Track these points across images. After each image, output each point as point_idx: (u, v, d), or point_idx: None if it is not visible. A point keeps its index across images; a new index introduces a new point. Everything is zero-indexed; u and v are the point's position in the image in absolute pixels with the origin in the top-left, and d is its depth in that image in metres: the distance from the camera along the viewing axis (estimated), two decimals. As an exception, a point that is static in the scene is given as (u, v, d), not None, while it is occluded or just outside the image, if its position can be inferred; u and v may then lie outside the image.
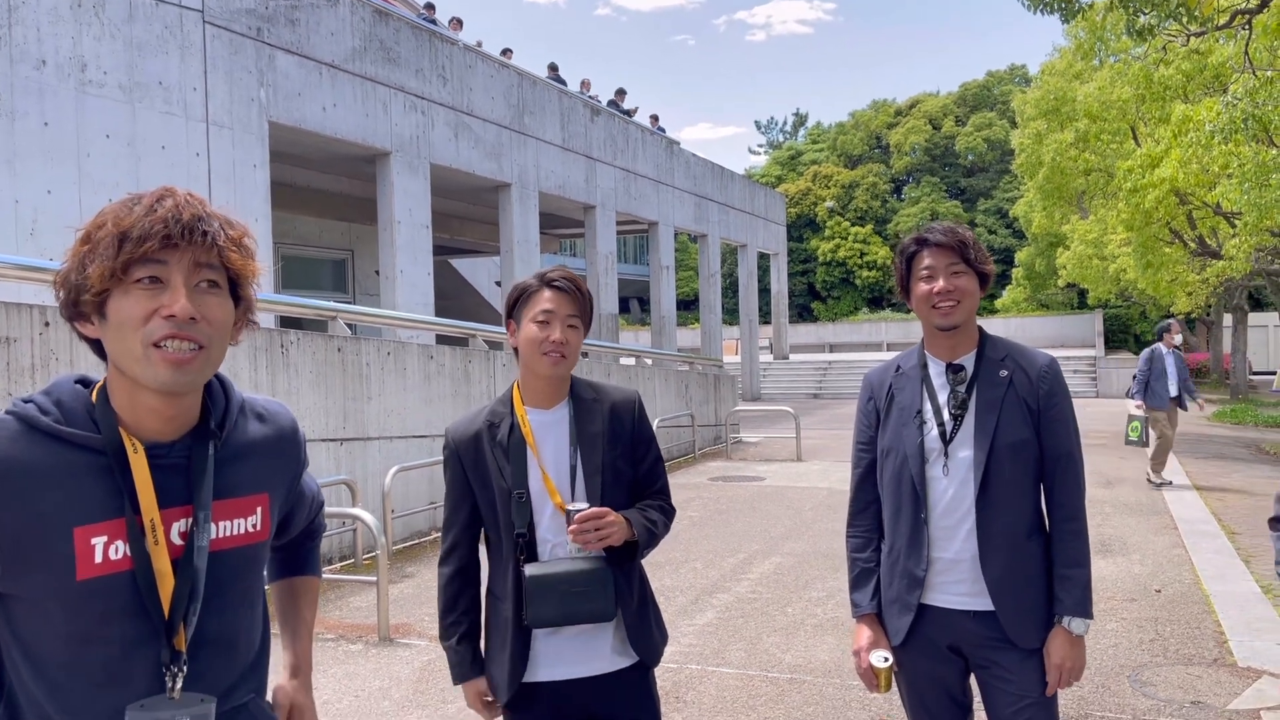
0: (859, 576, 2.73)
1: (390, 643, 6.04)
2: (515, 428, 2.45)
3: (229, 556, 1.54)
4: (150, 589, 1.44)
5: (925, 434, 2.59)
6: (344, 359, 8.57)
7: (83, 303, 1.43)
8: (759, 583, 7.33)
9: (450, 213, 18.93)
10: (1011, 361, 2.61)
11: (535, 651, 2.41)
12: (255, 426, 1.65)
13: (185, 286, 1.42)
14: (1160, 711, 4.68)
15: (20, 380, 5.77)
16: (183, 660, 1.46)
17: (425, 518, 9.52)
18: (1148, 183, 15.72)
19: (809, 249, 57.40)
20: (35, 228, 8.66)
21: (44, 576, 1.39)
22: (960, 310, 2.57)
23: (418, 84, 13.94)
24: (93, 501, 1.42)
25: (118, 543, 1.42)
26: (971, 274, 2.60)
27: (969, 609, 2.54)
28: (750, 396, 28.43)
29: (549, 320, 2.41)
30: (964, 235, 2.62)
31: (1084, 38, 18.11)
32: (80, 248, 1.45)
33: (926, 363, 2.68)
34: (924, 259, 2.61)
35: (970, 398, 2.58)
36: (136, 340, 1.41)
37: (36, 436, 1.42)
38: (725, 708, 4.87)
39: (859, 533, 2.77)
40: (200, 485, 1.50)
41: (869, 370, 2.88)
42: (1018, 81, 54.78)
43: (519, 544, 2.39)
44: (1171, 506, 10.15)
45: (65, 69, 9.02)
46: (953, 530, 2.55)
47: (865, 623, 2.68)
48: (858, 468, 2.78)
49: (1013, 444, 2.52)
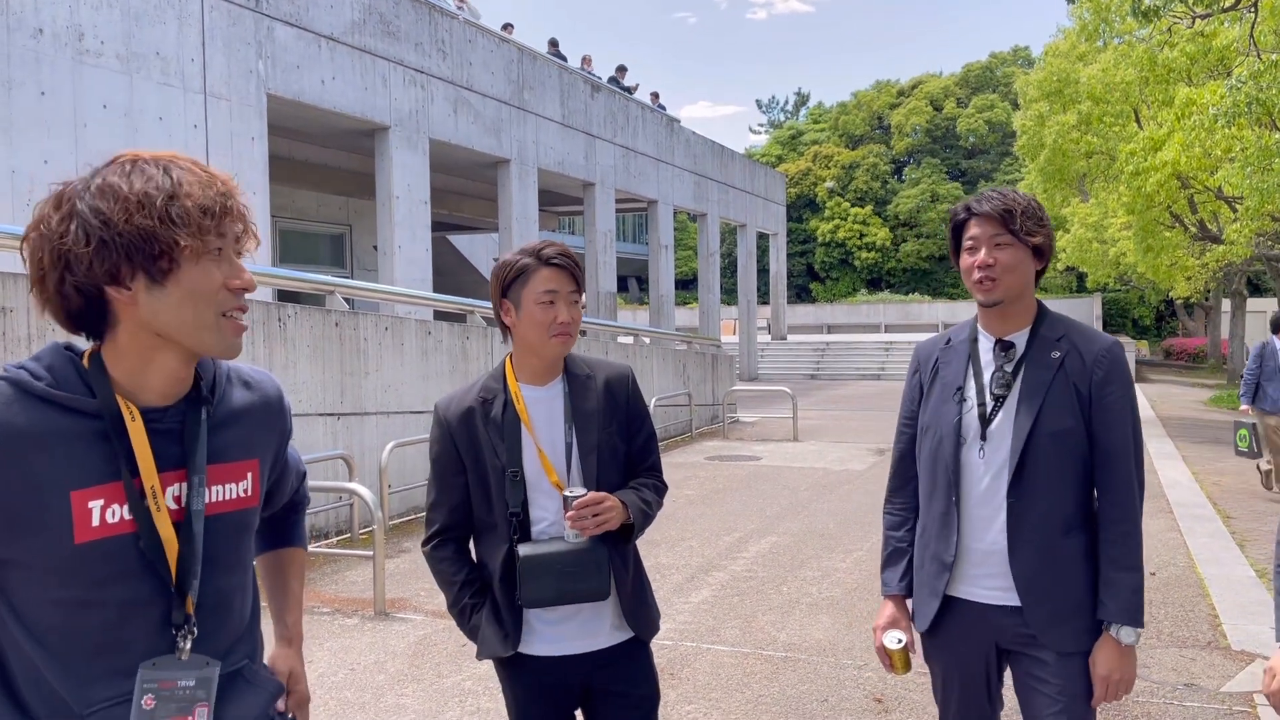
0: (891, 555, 2.63)
1: (386, 617, 6.06)
2: (509, 404, 2.41)
3: (222, 521, 1.55)
4: (158, 552, 1.46)
5: (964, 413, 2.46)
6: (341, 334, 8.54)
7: (150, 265, 1.43)
8: (754, 561, 7.35)
9: (449, 189, 18.85)
10: (1067, 342, 2.41)
11: (531, 627, 2.40)
12: (242, 394, 1.65)
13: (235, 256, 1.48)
14: (1153, 694, 4.70)
15: (16, 350, 5.74)
16: (192, 623, 1.48)
17: (422, 493, 9.52)
18: (1149, 166, 15.65)
19: (808, 229, 57.31)
20: (31, 198, 8.60)
21: (41, 540, 1.40)
22: (1001, 285, 2.39)
23: (417, 58, 13.84)
24: (88, 465, 1.42)
25: (114, 506, 1.43)
26: (1019, 246, 2.40)
27: (1003, 604, 2.40)
28: (748, 376, 28.44)
29: (554, 300, 2.36)
30: (1012, 203, 2.42)
31: (1088, 18, 17.95)
32: (136, 210, 1.42)
33: (977, 337, 2.53)
34: (970, 229, 2.45)
35: (1016, 378, 2.42)
36: (211, 310, 1.45)
37: (30, 401, 1.42)
38: (720, 685, 4.88)
39: (895, 510, 2.66)
40: (195, 449, 1.51)
41: (920, 342, 2.72)
42: (1021, 63, 54.51)
43: (513, 523, 2.35)
44: (1167, 490, 10.17)
45: (62, 38, 8.94)
46: (988, 520, 2.41)
47: (890, 602, 2.60)
48: (899, 442, 2.66)
49: (1055, 432, 2.35)
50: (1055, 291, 43.54)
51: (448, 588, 2.49)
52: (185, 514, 1.49)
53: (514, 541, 2.34)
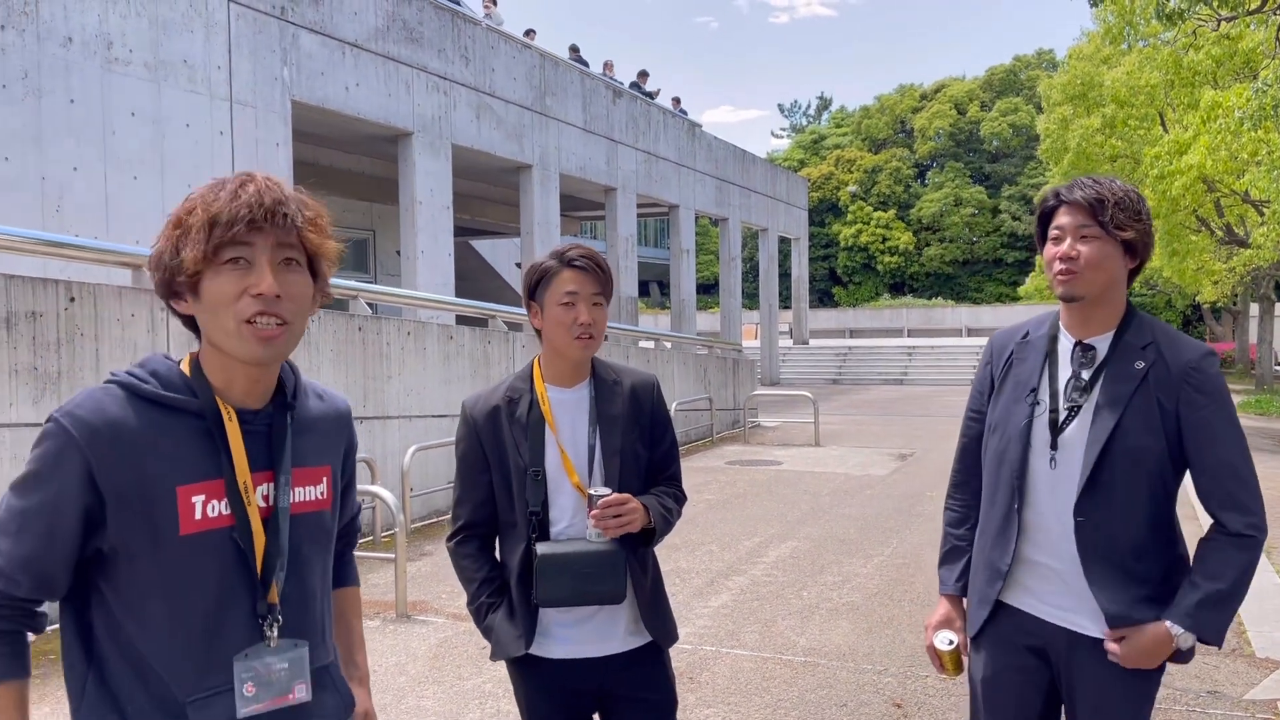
0: (949, 553, 2.53)
1: (407, 619, 6.10)
2: (535, 405, 2.43)
3: (303, 520, 1.66)
4: (249, 544, 1.57)
5: (1035, 417, 2.29)
6: (365, 338, 8.61)
7: (177, 283, 1.55)
8: (774, 566, 7.34)
9: (471, 194, 18.95)
10: (1154, 351, 2.20)
11: (546, 629, 2.41)
12: (316, 404, 1.77)
13: (270, 266, 1.53)
14: (1176, 701, 4.67)
15: (45, 354, 5.83)
16: (277, 611, 1.59)
17: (443, 496, 9.57)
18: (1175, 169, 15.54)
19: (831, 234, 57.16)
20: (61, 204, 8.74)
21: (148, 532, 1.50)
22: (1082, 280, 2.20)
23: (440, 64, 13.94)
24: (192, 462, 1.54)
25: (214, 501, 1.54)
26: (1108, 239, 2.20)
27: (1062, 625, 2.26)
28: (769, 381, 28.39)
29: (574, 302, 2.38)
30: (1105, 192, 2.21)
31: (1112, 21, 17.85)
32: (172, 232, 1.54)
33: (1057, 335, 2.35)
34: (1058, 217, 2.27)
35: (1095, 387, 2.24)
36: (229, 317, 1.52)
37: (139, 403, 1.54)
38: (739, 689, 4.89)
39: (956, 505, 2.54)
40: (282, 451, 1.63)
41: (995, 332, 2.54)
42: (1045, 66, 54.22)
43: (532, 522, 2.38)
44: (1193, 497, 10.06)
45: (91, 46, 9.07)
46: (1053, 534, 2.25)
47: (945, 601, 2.50)
48: (964, 436, 2.52)
49: (1132, 449, 2.16)
50: (1080, 296, 43.17)
51: (467, 584, 2.52)
52: (273, 511, 1.61)
53: (532, 540, 2.37)
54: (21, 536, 1.51)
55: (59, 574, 1.53)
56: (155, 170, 9.58)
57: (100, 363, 6.13)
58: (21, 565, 1.51)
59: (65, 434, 1.49)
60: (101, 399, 1.53)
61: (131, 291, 6.42)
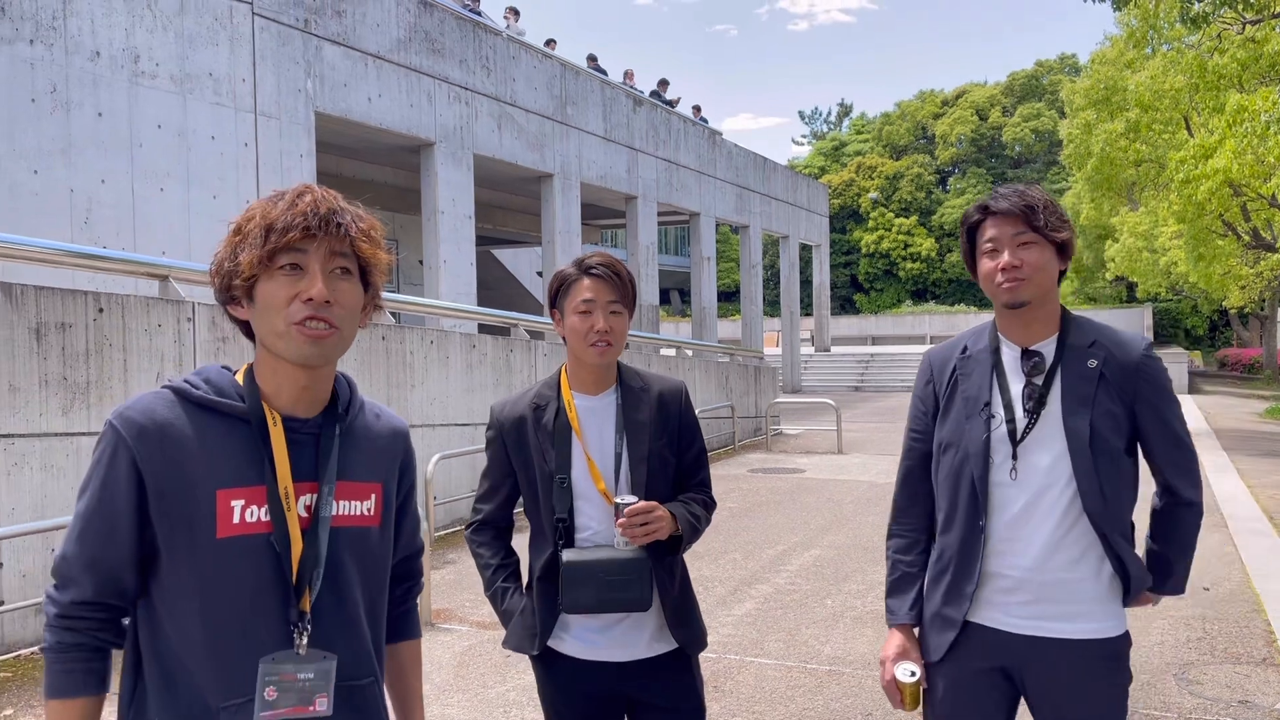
0: (899, 581, 2.43)
1: (432, 627, 6.12)
2: (561, 412, 2.45)
3: (345, 534, 1.67)
4: (285, 551, 1.58)
5: (993, 430, 2.27)
6: (388, 347, 8.66)
7: (234, 288, 1.59)
8: (798, 574, 7.32)
9: (493, 203, 19.04)
10: (1101, 349, 2.25)
11: (568, 627, 2.42)
12: (373, 420, 1.79)
13: (322, 273, 1.58)
14: (1207, 710, 4.62)
15: (75, 365, 5.90)
16: (307, 619, 1.59)
17: (467, 505, 9.60)
18: (1200, 174, 15.40)
19: (852, 240, 57.03)
20: (90, 216, 8.84)
21: (187, 532, 1.55)
22: (1029, 285, 2.22)
23: (462, 75, 14.02)
24: (235, 467, 1.57)
25: (253, 507, 1.57)
26: (1044, 244, 2.23)
27: (1029, 634, 2.25)
28: (791, 389, 28.32)
29: (590, 309, 2.40)
30: (1033, 198, 2.25)
31: (1136, 26, 17.76)
32: (233, 239, 1.60)
33: (999, 346, 2.34)
34: (987, 230, 2.28)
35: (1050, 391, 2.24)
36: (280, 320, 1.57)
37: (189, 407, 1.59)
38: (764, 698, 4.87)
39: (904, 531, 2.46)
40: (327, 461, 1.65)
41: (930, 349, 2.52)
42: (1067, 71, 53.92)
43: (559, 529, 2.39)
44: (1221, 504, 9.97)
45: (119, 60, 9.18)
46: (1021, 545, 2.24)
47: (898, 632, 2.41)
48: (908, 458, 2.46)
49: (1108, 446, 2.21)
50: (1105, 302, 42.88)
51: (483, 570, 2.56)
52: (313, 521, 1.62)
53: (559, 547, 2.38)
54: (85, 539, 1.56)
55: (124, 573, 1.57)
56: (181, 182, 9.68)
57: (128, 373, 6.20)
58: (86, 566, 1.55)
59: (115, 433, 1.55)
60: (152, 401, 1.59)
61: (159, 302, 6.49)
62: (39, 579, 5.73)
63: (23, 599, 5.63)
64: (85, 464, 5.88)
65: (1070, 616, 2.24)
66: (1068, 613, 2.24)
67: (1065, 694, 2.25)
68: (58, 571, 1.59)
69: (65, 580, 1.58)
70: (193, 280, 7.06)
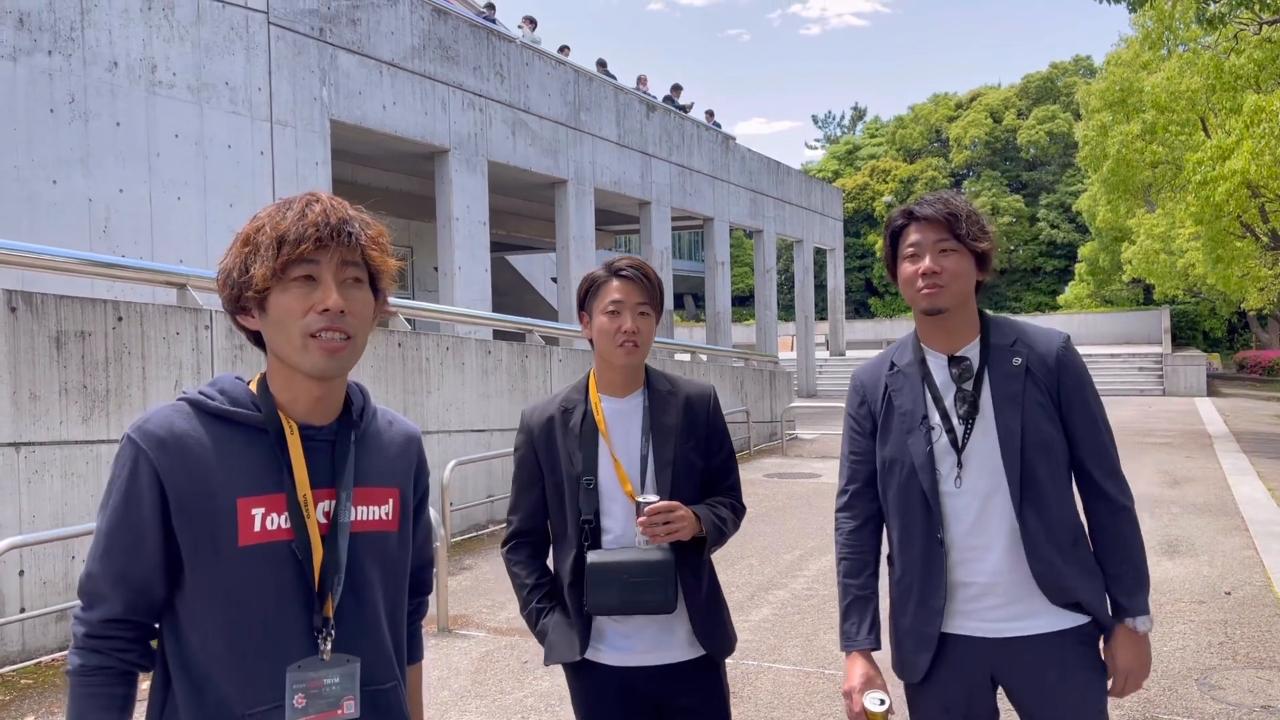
0: (851, 605, 2.40)
1: (449, 634, 6.13)
2: (589, 415, 2.47)
3: (364, 539, 1.67)
4: (307, 558, 1.59)
5: (934, 442, 2.27)
6: (404, 354, 8.69)
7: (245, 299, 1.59)
8: (815, 579, 7.30)
9: (507, 209, 19.08)
10: (1023, 346, 2.28)
11: (602, 635, 2.43)
12: (386, 427, 1.80)
13: (335, 282, 1.58)
14: (1229, 716, 4.58)
15: (94, 373, 5.94)
16: (331, 625, 1.60)
17: (483, 511, 9.62)
18: (1218, 175, 15.30)
19: (866, 244, 56.88)
20: (108, 225, 8.91)
21: (209, 542, 1.55)
22: (947, 293, 2.24)
23: (476, 82, 14.07)
24: (254, 475, 1.58)
25: (273, 515, 1.58)
26: (964, 253, 2.25)
27: (1005, 636, 2.24)
28: (806, 393, 28.27)
29: (619, 310, 2.42)
30: (956, 207, 2.27)
31: (1151, 27, 17.68)
32: (241, 249, 1.60)
33: (924, 357, 2.35)
34: (910, 235, 2.29)
35: (980, 395, 2.26)
36: (296, 331, 1.57)
37: (206, 418, 1.60)
38: (782, 704, 4.86)
39: (853, 554, 2.42)
40: (344, 467, 1.66)
41: (857, 368, 2.52)
42: (1082, 73, 53.68)
43: (584, 530, 2.40)
44: (1242, 507, 9.89)
45: (136, 70, 9.26)
46: (983, 550, 2.24)
47: (858, 658, 2.35)
48: (852, 481, 2.45)
49: (1043, 440, 2.22)
50: (1122, 304, 42.65)
51: (519, 590, 2.56)
52: (332, 527, 1.63)
53: (584, 548, 2.39)
54: (110, 554, 1.56)
55: (153, 585, 1.57)
56: (198, 190, 9.75)
57: (147, 380, 6.24)
58: (115, 581, 1.56)
59: (134, 447, 1.56)
60: (169, 414, 1.59)
61: (176, 310, 6.53)
62: (60, 586, 5.76)
63: (44, 605, 5.67)
64: (105, 472, 5.93)
65: (1043, 611, 2.25)
66: (1039, 609, 2.24)
67: (1048, 690, 2.25)
68: (85, 590, 1.59)
69: (93, 598, 1.58)
70: (210, 288, 7.10)
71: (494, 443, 9.70)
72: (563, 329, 12.10)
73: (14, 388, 5.55)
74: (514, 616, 6.42)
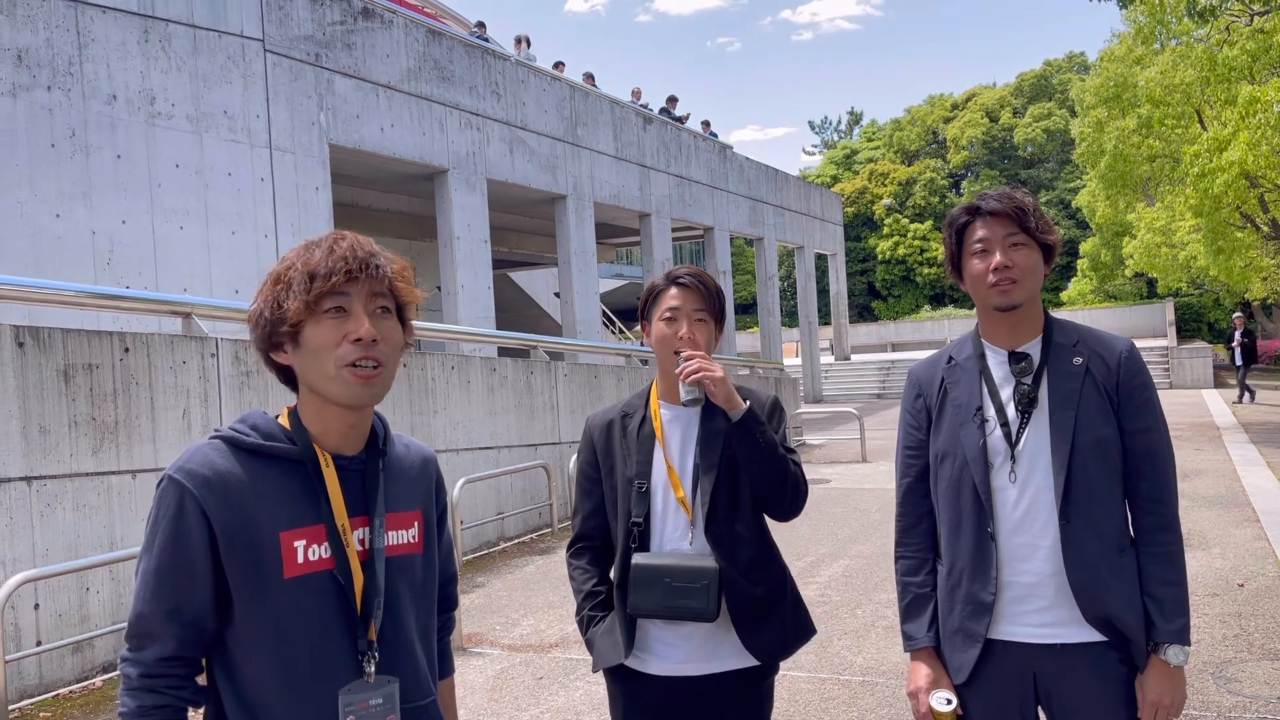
0: (912, 604, 2.36)
1: (463, 652, 6.13)
2: (647, 420, 2.51)
3: (397, 563, 1.74)
4: (349, 585, 1.65)
5: (988, 434, 2.24)
6: (409, 374, 8.72)
7: (279, 334, 1.65)
8: (828, 585, 7.29)
9: (508, 226, 19.15)
10: (1085, 347, 2.24)
11: (647, 643, 2.43)
12: (404, 451, 1.85)
13: (365, 313, 1.64)
14: (1246, 708, 4.57)
15: (103, 405, 5.98)
16: (374, 648, 1.66)
17: (493, 528, 9.63)
18: (1215, 167, 15.30)
19: (868, 248, 56.89)
20: (112, 258, 8.97)
21: (258, 574, 1.60)
22: (1021, 288, 2.21)
23: (472, 101, 14.14)
24: (292, 508, 1.64)
25: (314, 545, 1.64)
26: (1033, 246, 2.24)
27: (1050, 642, 2.19)
28: (812, 398, 28.25)
29: (675, 316, 2.46)
30: (1023, 201, 2.25)
31: (1143, 22, 17.71)
32: (272, 288, 1.66)
33: (984, 352, 2.32)
34: (976, 231, 2.26)
35: (1039, 391, 2.22)
36: (331, 362, 1.62)
37: (242, 454, 1.65)
38: (798, 711, 4.86)
39: (911, 552, 2.40)
40: (376, 495, 1.72)
41: (914, 365, 2.50)
42: (1076, 70, 53.76)
43: (633, 532, 2.43)
44: (1254, 499, 9.87)
45: (135, 103, 9.33)
46: (1029, 549, 2.20)
47: (922, 658, 2.31)
48: (906, 476, 2.42)
49: (1096, 442, 2.17)
50: (1125, 299, 42.57)
51: (575, 595, 2.60)
52: (369, 553, 1.69)
53: (631, 549, 2.42)
54: (161, 593, 1.60)
55: (206, 617, 1.62)
56: (200, 219, 9.80)
57: (155, 410, 6.27)
58: (168, 618, 1.59)
59: (179, 486, 1.60)
60: (208, 453, 1.63)
61: (183, 339, 6.57)
62: (74, 619, 5.79)
63: (60, 638, 5.69)
64: (117, 503, 5.96)
65: (1075, 620, 2.19)
66: (1075, 616, 2.19)
67: (1090, 700, 2.20)
68: (135, 632, 1.61)
69: (145, 638, 1.60)
70: (215, 316, 7.15)
71: (502, 460, 9.72)
72: (567, 344, 12.13)
73: (24, 422, 5.58)
74: (528, 633, 6.43)
